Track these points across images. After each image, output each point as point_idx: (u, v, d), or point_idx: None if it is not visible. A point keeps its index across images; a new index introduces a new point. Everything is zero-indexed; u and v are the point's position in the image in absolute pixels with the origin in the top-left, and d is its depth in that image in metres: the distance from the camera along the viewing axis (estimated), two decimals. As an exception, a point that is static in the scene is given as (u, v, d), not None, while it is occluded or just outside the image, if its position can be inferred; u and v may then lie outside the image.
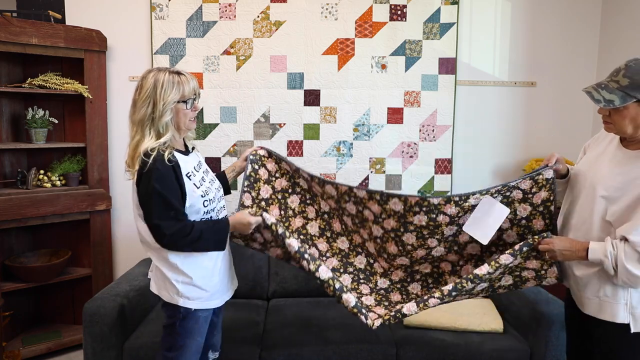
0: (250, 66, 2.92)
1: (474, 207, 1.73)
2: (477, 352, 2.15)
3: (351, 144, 2.99)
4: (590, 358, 1.60)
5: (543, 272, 1.70)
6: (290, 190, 2.00)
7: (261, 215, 1.73)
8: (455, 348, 2.17)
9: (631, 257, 1.40)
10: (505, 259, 1.63)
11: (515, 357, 2.16)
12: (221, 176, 1.95)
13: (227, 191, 1.95)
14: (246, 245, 1.93)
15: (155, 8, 2.87)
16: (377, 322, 1.73)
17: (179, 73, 1.59)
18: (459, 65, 2.98)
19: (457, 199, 1.74)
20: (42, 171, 2.76)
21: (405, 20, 2.91)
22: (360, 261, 2.01)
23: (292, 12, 2.90)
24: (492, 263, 1.64)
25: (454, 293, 1.68)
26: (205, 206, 1.63)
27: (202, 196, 1.61)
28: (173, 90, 1.55)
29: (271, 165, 1.98)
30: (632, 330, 1.46)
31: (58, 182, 2.75)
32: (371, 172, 3.02)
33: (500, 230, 1.77)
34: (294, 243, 1.73)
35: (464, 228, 1.75)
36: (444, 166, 3.04)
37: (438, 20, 2.92)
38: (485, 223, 1.71)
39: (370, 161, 3.01)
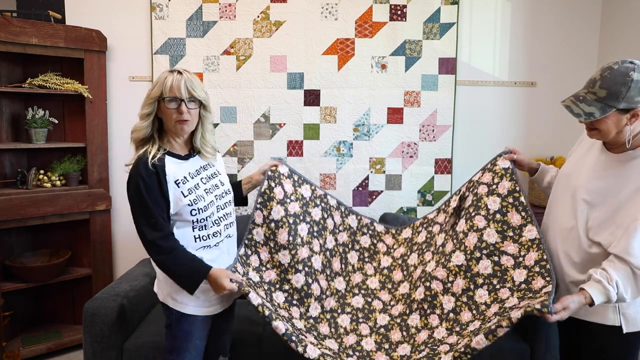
0: (250, 66, 2.92)
1: (455, 209, 1.96)
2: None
3: (351, 144, 2.99)
4: (584, 358, 1.60)
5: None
6: (301, 217, 1.90)
7: (247, 294, 1.56)
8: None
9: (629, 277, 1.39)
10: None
11: (515, 357, 2.16)
12: (236, 186, 1.88)
13: (242, 202, 1.89)
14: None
15: (155, 8, 2.87)
16: None
17: (178, 72, 1.55)
18: (459, 65, 2.98)
19: (443, 206, 2.05)
20: (42, 171, 2.76)
21: (405, 20, 2.91)
22: (357, 301, 1.96)
23: (292, 12, 2.90)
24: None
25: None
26: (193, 215, 1.54)
27: (189, 205, 1.53)
28: (157, 85, 1.53)
29: (289, 186, 1.90)
30: (625, 331, 1.47)
31: (58, 182, 2.75)
32: (371, 172, 3.02)
33: (479, 231, 1.77)
34: (280, 326, 1.57)
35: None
36: (443, 166, 3.04)
37: (438, 20, 2.92)
38: None
39: (370, 161, 3.01)
